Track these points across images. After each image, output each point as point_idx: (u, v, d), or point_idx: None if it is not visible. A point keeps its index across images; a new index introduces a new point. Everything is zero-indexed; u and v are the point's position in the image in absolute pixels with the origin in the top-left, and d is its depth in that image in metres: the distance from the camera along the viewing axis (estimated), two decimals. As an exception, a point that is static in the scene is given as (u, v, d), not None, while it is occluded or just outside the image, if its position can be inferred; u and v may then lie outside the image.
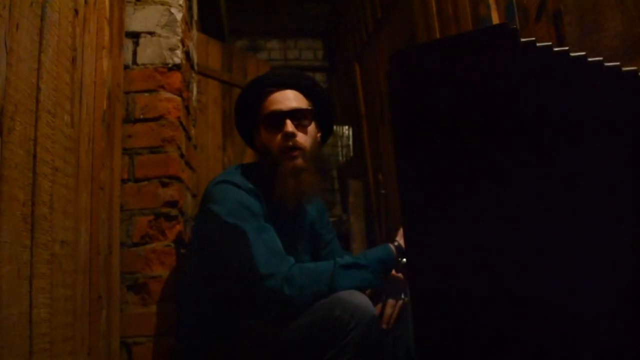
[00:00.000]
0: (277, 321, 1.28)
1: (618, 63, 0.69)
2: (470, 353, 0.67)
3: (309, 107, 1.48)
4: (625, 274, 0.66)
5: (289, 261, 1.27)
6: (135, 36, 1.64)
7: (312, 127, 1.48)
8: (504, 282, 0.66)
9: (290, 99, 1.46)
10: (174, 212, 1.57)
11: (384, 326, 1.34)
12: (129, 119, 1.59)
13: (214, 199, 1.38)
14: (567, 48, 0.69)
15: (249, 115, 1.52)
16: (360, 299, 1.21)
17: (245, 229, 1.30)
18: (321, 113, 1.53)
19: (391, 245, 1.39)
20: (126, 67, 1.61)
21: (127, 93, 1.60)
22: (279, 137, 1.43)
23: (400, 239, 1.40)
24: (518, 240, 0.66)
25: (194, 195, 1.92)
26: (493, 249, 0.67)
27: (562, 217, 0.66)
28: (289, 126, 1.42)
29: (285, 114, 1.43)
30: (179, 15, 1.68)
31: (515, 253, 0.66)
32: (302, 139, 1.44)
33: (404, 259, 1.39)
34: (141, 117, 1.59)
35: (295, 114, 1.44)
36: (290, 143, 1.41)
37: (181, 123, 1.66)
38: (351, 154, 4.22)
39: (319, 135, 1.54)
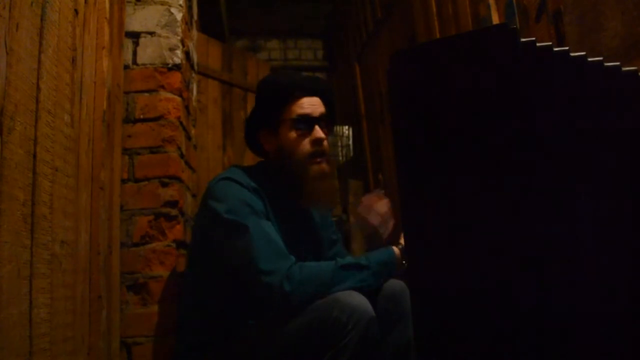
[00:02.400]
0: (276, 321, 1.28)
1: (618, 63, 0.69)
2: (470, 353, 0.67)
3: (329, 114, 1.52)
4: (627, 278, 0.66)
5: (290, 259, 1.27)
6: (135, 36, 1.64)
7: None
8: (504, 282, 0.66)
9: (317, 104, 1.49)
10: (174, 212, 1.57)
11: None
12: (129, 119, 1.59)
13: (215, 196, 1.38)
14: (567, 48, 0.69)
15: (267, 115, 1.51)
16: (359, 299, 1.21)
17: (247, 224, 1.30)
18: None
19: (395, 248, 1.39)
20: (126, 67, 1.61)
21: (127, 93, 1.60)
22: (306, 141, 1.44)
23: (404, 242, 1.40)
24: (519, 240, 0.66)
25: (194, 195, 1.92)
26: (493, 249, 0.67)
27: (562, 218, 0.66)
28: (320, 132, 1.45)
29: (315, 120, 1.46)
30: (179, 15, 1.68)
31: (516, 253, 0.66)
32: (327, 144, 1.48)
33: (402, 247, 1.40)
34: (141, 117, 1.59)
35: (322, 121, 1.48)
36: (321, 148, 1.45)
37: (181, 123, 1.66)
38: (351, 154, 4.22)
39: None
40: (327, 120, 1.50)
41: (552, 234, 0.66)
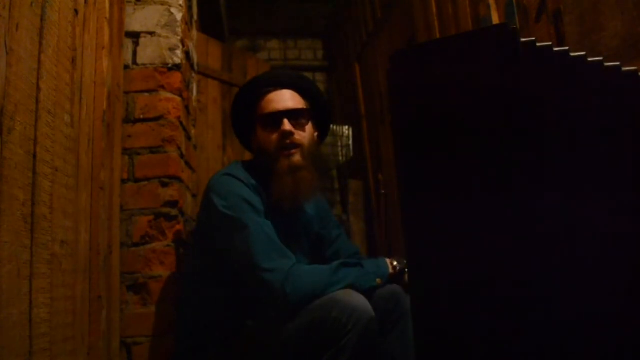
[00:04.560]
0: (275, 322, 1.28)
1: (618, 63, 0.69)
2: (470, 353, 0.67)
3: (306, 107, 1.49)
4: (626, 275, 0.66)
5: (292, 259, 1.28)
6: (135, 36, 1.64)
7: (309, 127, 1.49)
8: (504, 283, 0.66)
9: (287, 99, 1.47)
10: (174, 212, 1.57)
11: None
12: (129, 119, 1.59)
13: (216, 192, 1.39)
14: (567, 48, 0.69)
15: (246, 115, 1.53)
16: (358, 300, 1.21)
17: (247, 221, 1.30)
18: (318, 113, 1.54)
19: (387, 260, 1.45)
20: (126, 67, 1.61)
21: (127, 93, 1.60)
22: (276, 136, 1.43)
23: (394, 262, 1.46)
24: (518, 240, 0.66)
25: (194, 195, 1.92)
26: (493, 249, 0.67)
27: (562, 218, 0.66)
28: (287, 125, 1.42)
29: (282, 114, 1.44)
30: (179, 15, 1.68)
31: (515, 253, 0.66)
32: (300, 136, 1.44)
33: (397, 265, 1.45)
34: (141, 117, 1.59)
35: (292, 114, 1.45)
36: (288, 141, 1.42)
37: (181, 123, 1.66)
38: (351, 154, 4.21)
39: (316, 134, 1.54)
40: (301, 113, 1.46)
41: (554, 233, 0.66)
